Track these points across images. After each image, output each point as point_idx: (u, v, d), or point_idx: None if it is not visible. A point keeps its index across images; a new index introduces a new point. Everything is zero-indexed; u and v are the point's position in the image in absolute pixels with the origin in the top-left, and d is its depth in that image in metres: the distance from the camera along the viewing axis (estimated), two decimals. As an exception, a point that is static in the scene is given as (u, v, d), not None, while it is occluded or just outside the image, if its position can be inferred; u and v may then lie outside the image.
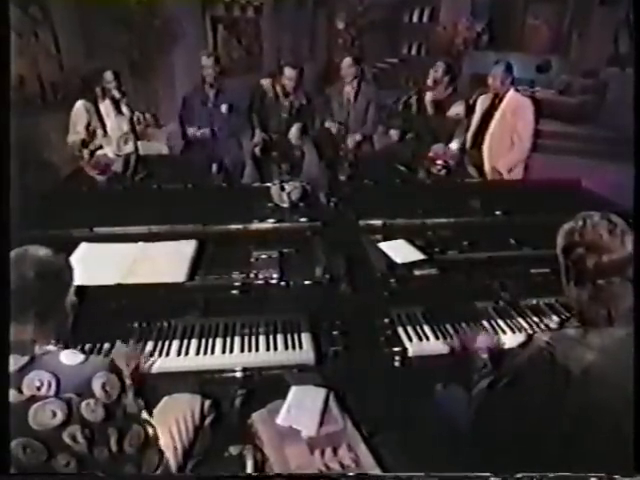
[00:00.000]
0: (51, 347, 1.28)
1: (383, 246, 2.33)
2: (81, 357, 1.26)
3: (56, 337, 1.33)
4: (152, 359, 1.92)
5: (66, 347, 1.31)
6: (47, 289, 1.29)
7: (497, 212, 2.61)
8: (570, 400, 1.25)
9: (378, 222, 2.49)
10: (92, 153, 3.52)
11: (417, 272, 2.18)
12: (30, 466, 1.17)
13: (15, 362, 1.20)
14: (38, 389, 1.17)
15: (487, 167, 3.89)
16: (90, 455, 1.22)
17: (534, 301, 2.27)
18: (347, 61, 4.46)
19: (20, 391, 1.18)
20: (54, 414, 1.17)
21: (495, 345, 1.85)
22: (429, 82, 4.20)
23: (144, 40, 5.51)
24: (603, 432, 1.22)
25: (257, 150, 4.50)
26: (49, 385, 1.18)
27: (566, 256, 1.33)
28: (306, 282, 2.08)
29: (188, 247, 2.25)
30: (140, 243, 2.28)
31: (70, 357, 1.25)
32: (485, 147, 3.89)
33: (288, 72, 4.38)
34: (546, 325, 2.17)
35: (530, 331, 2.10)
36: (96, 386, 1.23)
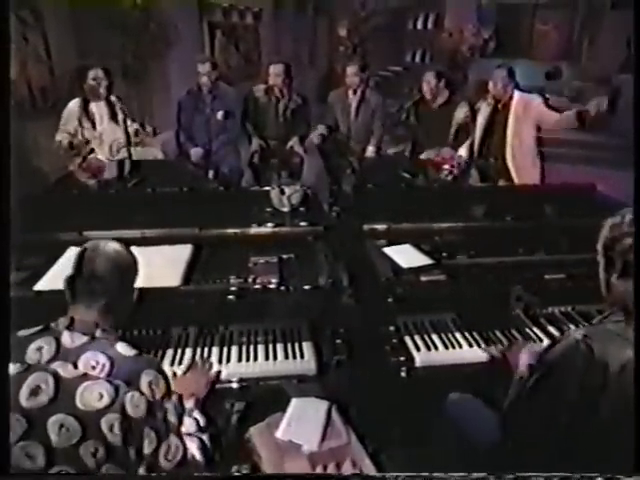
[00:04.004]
0: (111, 334, 1.38)
1: (388, 251, 2.32)
2: (134, 351, 1.35)
3: (116, 326, 1.45)
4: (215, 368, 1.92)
5: (122, 338, 1.39)
6: (117, 281, 1.43)
7: (507, 217, 2.60)
8: (607, 396, 1.25)
9: (382, 226, 2.48)
10: (84, 158, 3.51)
11: (424, 278, 2.16)
12: (57, 447, 1.19)
13: (75, 339, 1.30)
14: (93, 368, 1.25)
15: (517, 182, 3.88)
16: (124, 449, 1.23)
17: (549, 309, 2.25)
18: (352, 68, 4.44)
19: (75, 366, 1.25)
20: (101, 396, 1.22)
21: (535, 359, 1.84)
22: (426, 95, 4.23)
23: (139, 45, 5.54)
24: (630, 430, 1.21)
25: (256, 157, 4.50)
26: (103, 367, 1.26)
27: (611, 249, 1.34)
28: (307, 287, 2.06)
29: (183, 251, 2.24)
30: (132, 247, 2.25)
31: (124, 348, 1.34)
32: (509, 161, 3.86)
33: (274, 69, 4.39)
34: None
35: (547, 340, 2.08)
36: (144, 381, 1.29)
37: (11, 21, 4.24)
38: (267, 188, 2.71)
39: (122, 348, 1.33)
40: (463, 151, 3.95)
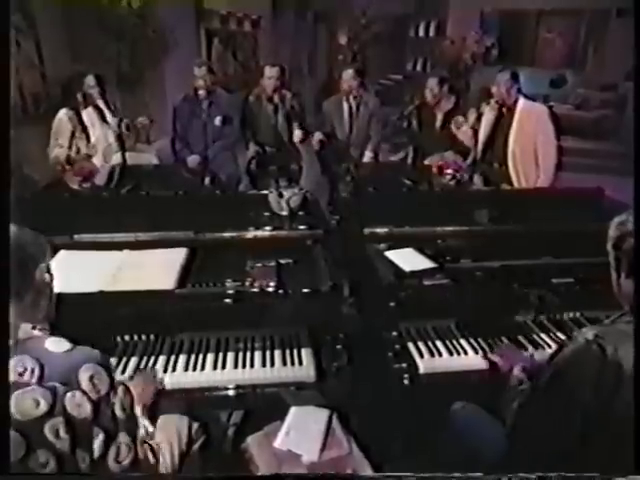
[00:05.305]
0: (36, 332, 1.26)
1: (390, 254, 2.31)
2: (68, 345, 1.23)
3: (38, 320, 1.30)
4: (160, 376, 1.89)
5: (52, 334, 1.28)
6: (16, 266, 1.24)
7: (512, 220, 2.60)
8: (620, 398, 1.23)
9: (384, 230, 2.48)
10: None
11: (427, 282, 2.14)
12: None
13: None
14: (20, 375, 1.15)
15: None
16: (72, 456, 1.17)
17: (557, 315, 2.23)
18: (348, 73, 4.51)
19: None
20: (37, 403, 1.14)
21: (531, 361, 1.82)
22: (429, 101, 4.26)
23: (134, 51, 5.58)
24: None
25: (253, 164, 4.51)
26: (32, 371, 1.16)
27: (618, 248, 1.35)
28: (306, 291, 2.03)
29: (178, 255, 2.23)
30: (125, 251, 2.25)
31: (56, 344, 1.22)
32: (510, 168, 3.88)
33: (268, 71, 4.42)
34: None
35: (555, 347, 2.06)
36: (83, 378, 1.19)
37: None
38: (265, 192, 2.70)
39: (52, 345, 1.22)
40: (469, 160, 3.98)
